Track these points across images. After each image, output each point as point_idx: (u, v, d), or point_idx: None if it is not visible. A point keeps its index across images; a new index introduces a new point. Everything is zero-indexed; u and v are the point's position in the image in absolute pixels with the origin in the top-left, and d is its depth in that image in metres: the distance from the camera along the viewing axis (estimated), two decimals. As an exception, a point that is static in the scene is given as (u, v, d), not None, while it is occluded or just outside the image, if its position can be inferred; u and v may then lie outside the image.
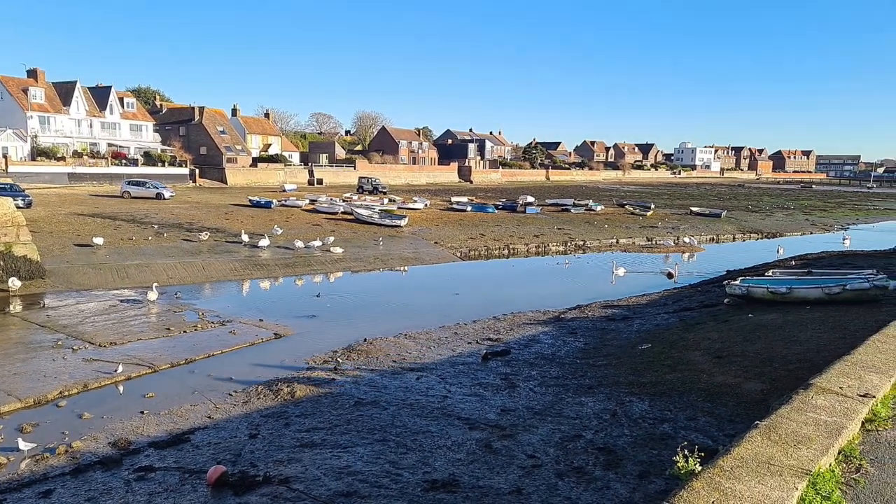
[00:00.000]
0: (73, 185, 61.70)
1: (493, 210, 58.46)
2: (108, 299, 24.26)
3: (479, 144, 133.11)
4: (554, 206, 64.14)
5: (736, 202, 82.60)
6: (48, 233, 34.41)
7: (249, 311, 23.26)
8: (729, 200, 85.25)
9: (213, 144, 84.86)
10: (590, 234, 48.86)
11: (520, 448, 11.54)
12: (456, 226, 48.55)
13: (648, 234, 49.45)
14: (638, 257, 41.20)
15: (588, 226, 52.73)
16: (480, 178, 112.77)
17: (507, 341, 19.60)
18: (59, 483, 10.33)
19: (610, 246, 45.77)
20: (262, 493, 9.81)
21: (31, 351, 17.62)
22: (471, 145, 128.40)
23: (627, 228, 52.17)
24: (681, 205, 72.73)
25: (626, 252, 43.22)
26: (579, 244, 45.45)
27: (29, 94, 67.95)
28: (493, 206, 59.91)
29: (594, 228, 51.51)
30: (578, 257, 40.29)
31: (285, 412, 13.69)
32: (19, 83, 68.92)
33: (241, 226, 41.50)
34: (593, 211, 62.08)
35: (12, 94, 67.24)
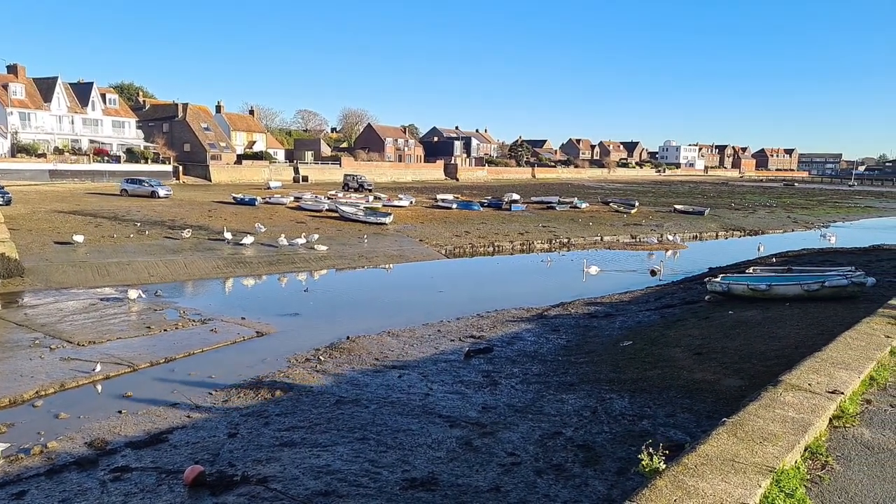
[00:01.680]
0: (55, 182, 60.88)
1: (478, 208, 58.48)
2: (87, 298, 23.97)
3: (466, 142, 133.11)
4: (539, 204, 64.30)
5: (719, 200, 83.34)
6: (27, 230, 33.94)
7: (231, 310, 23.10)
8: (712, 198, 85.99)
9: (197, 141, 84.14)
10: (574, 231, 49.05)
11: (500, 446, 11.56)
12: (441, 223, 48.52)
13: (632, 232, 49.74)
14: (622, 255, 41.43)
15: (573, 223, 52.93)
16: (466, 175, 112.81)
17: (490, 339, 19.62)
18: (34, 484, 10.18)
19: (594, 243, 45.98)
20: (239, 493, 9.74)
21: (7, 350, 17.37)
22: (457, 143, 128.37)
23: (612, 226, 52.43)
24: (665, 202, 73.24)
25: (611, 249, 43.45)
26: (564, 242, 45.61)
27: (9, 90, 66.92)
28: (478, 204, 59.93)
29: (579, 226, 51.72)
30: (563, 255, 40.46)
31: (265, 411, 13.61)
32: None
33: (225, 223, 41.19)
34: (578, 208, 62.32)
35: (-9, 90, 66.22)
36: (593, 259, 38.63)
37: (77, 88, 75.25)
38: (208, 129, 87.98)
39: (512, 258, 40.32)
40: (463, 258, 39.20)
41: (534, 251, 42.57)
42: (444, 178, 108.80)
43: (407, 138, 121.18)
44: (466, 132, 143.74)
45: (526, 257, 40.54)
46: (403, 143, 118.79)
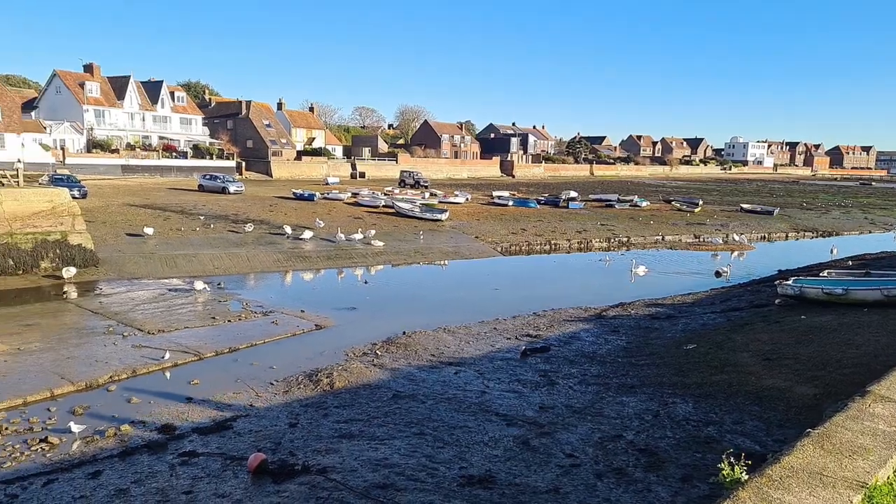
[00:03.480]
0: (126, 176, 63.74)
1: (535, 205, 57.90)
2: (157, 288, 24.95)
3: (522, 139, 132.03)
4: (598, 202, 63.15)
5: (789, 199, 79.75)
6: (102, 223, 35.60)
7: (291, 302, 23.58)
8: (782, 197, 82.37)
9: (259, 138, 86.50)
10: (634, 230, 47.92)
11: (558, 446, 11.37)
12: (497, 220, 48.28)
13: (696, 232, 48.22)
14: (684, 255, 40.21)
15: (633, 222, 51.74)
16: (523, 172, 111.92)
17: (546, 338, 19.36)
18: (108, 465, 10.65)
19: (655, 243, 44.79)
20: (300, 482, 9.91)
21: (83, 336, 18.26)
22: (513, 139, 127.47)
23: (674, 225, 50.97)
24: (730, 201, 70.63)
25: (673, 249, 42.23)
26: (623, 241, 44.63)
27: (85, 89, 70.44)
28: (535, 201, 59.34)
29: (639, 225, 50.50)
30: (622, 254, 39.53)
31: (324, 403, 13.82)
32: (76, 77, 71.52)
33: (285, 218, 42.16)
34: (638, 207, 60.86)
35: (70, 89, 69.85)
36: (654, 259, 37.65)
37: (148, 87, 78.55)
38: (270, 125, 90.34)
39: (569, 257, 39.74)
40: (519, 256, 38.87)
41: (592, 250, 41.83)
42: (499, 175, 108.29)
43: (463, 135, 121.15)
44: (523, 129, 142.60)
45: (583, 256, 39.87)
46: (460, 139, 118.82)
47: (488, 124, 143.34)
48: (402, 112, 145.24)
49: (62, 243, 26.48)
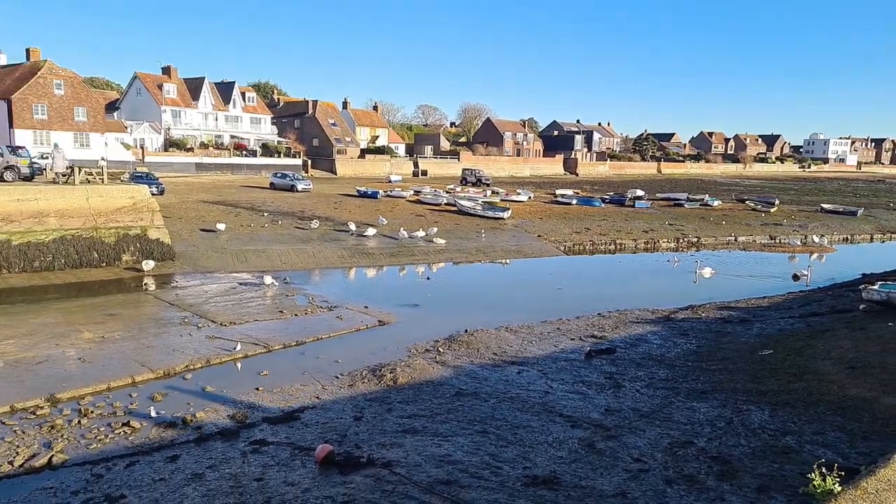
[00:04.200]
0: (200, 174, 66.42)
1: (599, 203, 56.82)
2: (228, 282, 25.88)
3: (587, 136, 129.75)
4: (666, 201, 61.37)
5: (875, 199, 75.09)
6: (178, 218, 37.20)
7: (355, 298, 23.96)
8: (866, 197, 77.66)
9: (325, 136, 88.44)
10: (705, 230, 46.31)
11: (625, 450, 11.10)
12: (560, 219, 47.65)
13: (772, 232, 46.15)
14: (759, 256, 38.58)
15: (703, 222, 50.01)
16: (587, 170, 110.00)
17: (612, 339, 18.95)
18: (185, 449, 11.12)
19: (727, 244, 43.15)
20: (365, 475, 10.05)
21: (161, 326, 19.14)
22: (577, 137, 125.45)
23: (748, 225, 48.95)
24: (810, 201, 67.21)
25: (746, 251, 40.58)
26: (693, 241, 43.20)
27: (163, 90, 73.86)
28: (599, 200, 58.23)
29: (710, 225, 48.77)
30: (691, 255, 38.24)
31: (388, 398, 13.98)
32: (155, 79, 75.08)
33: (349, 215, 42.94)
34: (709, 206, 58.77)
35: (149, 90, 73.41)
36: (725, 261, 36.31)
37: (221, 87, 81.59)
38: (335, 124, 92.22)
39: (635, 257, 38.78)
40: (582, 255, 38.23)
41: (659, 250, 40.68)
42: (562, 173, 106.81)
43: (526, 132, 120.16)
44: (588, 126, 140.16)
45: (650, 256, 38.83)
46: (522, 137, 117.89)
47: (552, 121, 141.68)
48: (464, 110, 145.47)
49: (142, 237, 27.84)
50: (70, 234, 25.84)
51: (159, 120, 72.54)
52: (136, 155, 63.31)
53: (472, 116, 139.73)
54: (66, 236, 25.70)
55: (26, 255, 24.53)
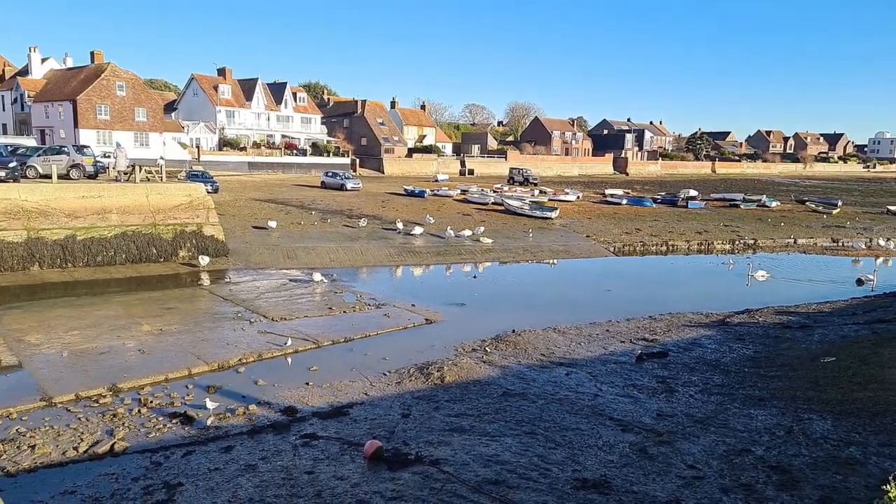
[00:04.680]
0: (252, 173, 68.07)
1: (650, 204, 55.67)
2: (279, 278, 26.42)
3: (638, 135, 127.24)
4: (720, 201, 59.68)
5: (945, 201, 71.17)
6: (231, 216, 38.19)
7: (402, 296, 24.10)
8: (935, 198, 73.68)
9: (373, 136, 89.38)
10: (762, 232, 44.79)
11: (678, 456, 10.82)
12: (609, 219, 46.88)
13: (834, 235, 44.28)
14: (819, 260, 37.09)
15: (760, 223, 48.38)
16: (637, 170, 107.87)
17: (664, 343, 18.51)
18: (238, 441, 11.39)
19: (786, 246, 41.64)
20: (413, 471, 10.09)
21: (216, 321, 19.67)
22: (628, 136, 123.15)
23: (808, 227, 47.11)
24: (875, 203, 64.21)
25: (806, 253, 39.07)
26: (749, 243, 41.84)
27: (218, 91, 75.99)
28: (650, 200, 57.07)
29: (767, 226, 47.14)
30: (748, 257, 37.01)
31: (435, 396, 14.00)
32: (211, 81, 77.32)
33: (397, 214, 43.26)
34: (767, 207, 56.83)
35: (205, 91, 75.66)
36: (784, 264, 35.06)
37: (273, 88, 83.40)
38: (383, 123, 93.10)
39: (688, 259, 37.81)
40: (633, 256, 37.51)
41: (713, 252, 39.55)
42: (612, 172, 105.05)
43: (574, 131, 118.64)
44: (639, 124, 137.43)
45: (704, 258, 37.78)
46: (571, 136, 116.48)
47: (601, 120, 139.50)
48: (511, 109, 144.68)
49: (198, 234, 28.69)
50: (131, 231, 26.85)
51: (214, 120, 74.67)
52: (192, 154, 65.35)
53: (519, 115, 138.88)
54: (126, 232, 26.70)
55: (90, 249, 25.59)
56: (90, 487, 9.66)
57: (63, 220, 25.31)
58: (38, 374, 14.30)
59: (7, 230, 23.90)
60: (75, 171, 30.05)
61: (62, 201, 25.57)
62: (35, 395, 13.13)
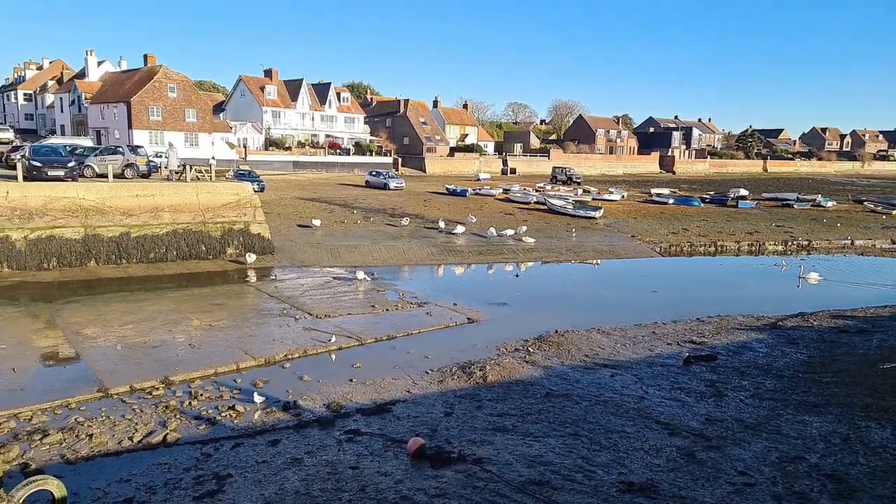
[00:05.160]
0: (297, 172, 69.27)
1: (698, 203, 54.40)
2: (322, 276, 26.80)
3: (685, 132, 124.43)
4: (772, 201, 57.92)
5: None
6: (276, 214, 38.92)
7: (444, 295, 24.13)
8: None
9: (415, 135, 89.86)
10: (817, 233, 43.23)
11: (728, 462, 10.54)
12: (655, 219, 45.99)
13: (894, 236, 42.38)
14: (879, 262, 35.58)
15: (815, 224, 46.71)
16: (684, 168, 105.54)
17: (712, 346, 18.05)
18: (285, 435, 11.60)
19: (843, 248, 40.07)
20: (456, 470, 10.08)
21: (262, 317, 20.08)
22: (675, 133, 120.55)
23: (866, 228, 45.25)
24: (937, 202, 61.22)
25: (864, 256, 37.52)
26: (803, 244, 40.43)
27: (264, 92, 77.58)
28: (698, 199, 55.79)
29: (822, 227, 45.48)
30: (801, 259, 35.79)
31: (477, 395, 13.97)
32: (257, 82, 79.00)
33: (438, 213, 43.36)
34: (822, 207, 54.87)
35: (252, 92, 77.36)
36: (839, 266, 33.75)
37: (317, 88, 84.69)
38: (425, 123, 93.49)
39: (737, 260, 36.78)
40: (680, 257, 36.68)
41: (764, 253, 38.37)
42: (658, 171, 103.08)
43: (620, 129, 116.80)
44: (687, 122, 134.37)
45: (754, 260, 36.69)
46: (615, 134, 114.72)
47: (647, 118, 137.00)
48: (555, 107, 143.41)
49: (245, 232, 29.34)
50: (181, 228, 27.64)
51: (260, 120, 76.28)
52: (239, 154, 66.93)
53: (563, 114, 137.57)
54: (177, 230, 27.50)
55: (143, 246, 26.46)
56: (144, 476, 9.98)
57: (118, 217, 26.23)
58: (95, 366, 14.85)
59: (66, 227, 24.91)
60: (130, 170, 31.07)
61: (117, 200, 26.50)
62: (92, 386, 13.64)
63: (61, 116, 76.91)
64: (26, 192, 24.60)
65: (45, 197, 24.84)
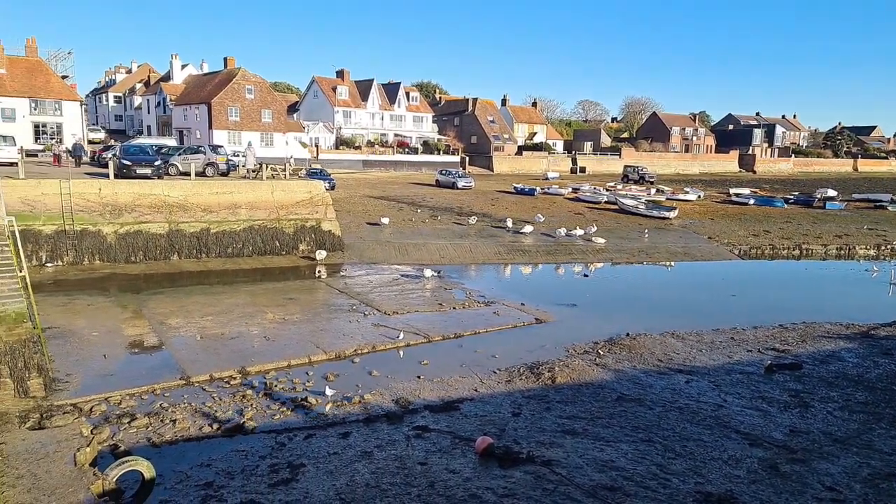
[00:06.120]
0: (366, 170, 70.52)
1: (781, 204, 51.83)
2: (390, 273, 27.14)
3: (768, 130, 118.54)
4: (863, 202, 54.48)
5: None
6: (346, 212, 39.73)
7: (511, 294, 23.94)
8: None
9: (483, 133, 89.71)
10: (911, 236, 40.32)
11: (814, 476, 9.96)
12: (734, 220, 44.12)
13: None
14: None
15: (910, 226, 43.58)
16: (766, 167, 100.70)
17: (797, 354, 17.10)
18: (355, 428, 11.80)
19: (943, 252, 37.23)
20: (525, 471, 9.96)
21: (333, 312, 20.53)
22: (756, 131, 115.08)
23: (967, 232, 41.83)
24: None
25: (968, 261, 34.66)
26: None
27: (336, 92, 79.37)
28: (781, 200, 53.15)
29: (918, 230, 42.37)
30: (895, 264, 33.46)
31: (546, 396, 13.77)
32: (330, 82, 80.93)
33: (506, 212, 43.11)
34: (919, 209, 51.13)
35: (324, 92, 79.33)
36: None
37: (387, 88, 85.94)
38: (493, 121, 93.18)
39: (824, 264, 34.74)
40: (760, 260, 35.02)
41: (854, 257, 36.12)
42: (737, 170, 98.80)
43: (696, 127, 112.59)
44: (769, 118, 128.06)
45: (843, 264, 34.57)
46: (692, 131, 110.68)
47: (726, 115, 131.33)
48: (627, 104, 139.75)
49: (316, 229, 30.11)
50: (257, 225, 28.66)
51: (332, 120, 78.11)
52: (312, 153, 68.76)
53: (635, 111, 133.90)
54: (253, 226, 28.53)
55: (221, 242, 27.59)
56: (223, 462, 10.37)
57: (199, 214, 27.45)
58: (177, 355, 15.58)
59: (152, 222, 26.28)
60: (210, 168, 32.44)
61: (199, 197, 27.74)
62: (176, 374, 14.31)
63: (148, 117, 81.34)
64: (117, 189, 26.11)
65: (134, 194, 26.28)
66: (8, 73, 51.78)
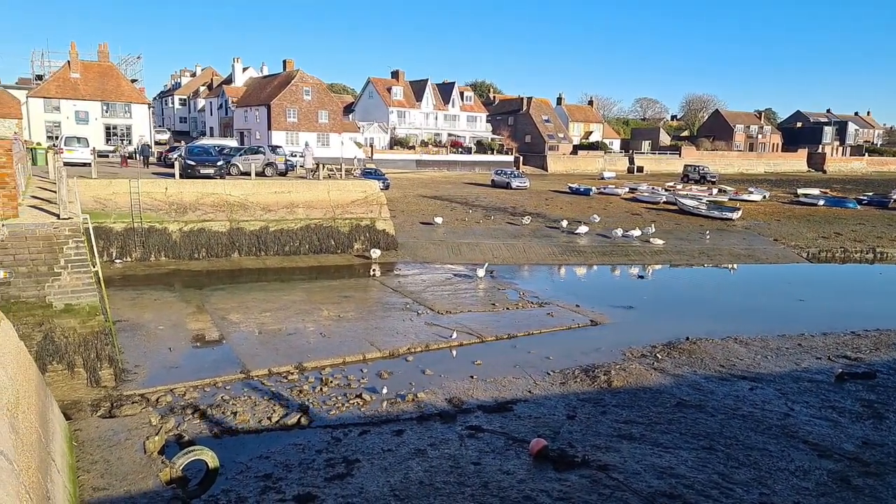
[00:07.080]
0: (419, 170, 71.02)
1: (853, 205, 49.33)
2: (443, 273, 27.19)
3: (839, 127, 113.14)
4: (944, 203, 51.24)
5: None
6: (400, 211, 40.09)
7: (565, 296, 23.61)
8: None
9: (537, 133, 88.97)
10: None
11: (889, 491, 9.44)
12: (802, 221, 42.25)
13: None
14: None
15: None
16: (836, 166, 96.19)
17: (870, 362, 16.22)
18: (408, 426, 11.87)
19: None
20: (580, 474, 9.79)
21: (386, 310, 20.72)
22: (827, 129, 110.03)
23: None
24: None
25: None
26: (982, 252, 35.38)
27: (391, 93, 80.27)
28: (853, 201, 50.60)
29: None
30: (978, 268, 31.36)
31: (602, 399, 13.51)
32: (384, 83, 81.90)
33: (561, 212, 42.58)
34: None
35: (379, 93, 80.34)
36: None
37: (442, 88, 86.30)
38: (548, 120, 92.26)
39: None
40: (831, 263, 33.40)
41: (935, 262, 34.03)
42: (805, 169, 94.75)
43: (761, 124, 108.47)
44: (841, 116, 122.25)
45: (921, 268, 32.63)
46: (756, 129, 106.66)
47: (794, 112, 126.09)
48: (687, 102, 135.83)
49: (371, 228, 30.48)
50: (313, 223, 29.23)
51: (386, 120, 79.01)
52: (366, 153, 69.75)
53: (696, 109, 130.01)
54: (310, 225, 29.11)
55: (279, 240, 28.27)
56: (281, 455, 10.61)
57: (259, 212, 28.22)
58: (237, 349, 16.04)
59: (215, 221, 27.17)
60: (270, 168, 33.30)
61: (258, 196, 28.51)
62: (236, 368, 14.74)
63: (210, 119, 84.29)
64: (182, 188, 27.11)
65: (198, 193, 27.23)
66: (82, 77, 54.64)
